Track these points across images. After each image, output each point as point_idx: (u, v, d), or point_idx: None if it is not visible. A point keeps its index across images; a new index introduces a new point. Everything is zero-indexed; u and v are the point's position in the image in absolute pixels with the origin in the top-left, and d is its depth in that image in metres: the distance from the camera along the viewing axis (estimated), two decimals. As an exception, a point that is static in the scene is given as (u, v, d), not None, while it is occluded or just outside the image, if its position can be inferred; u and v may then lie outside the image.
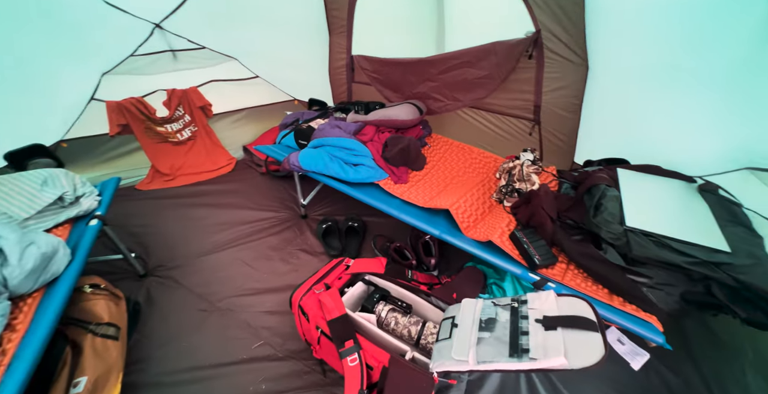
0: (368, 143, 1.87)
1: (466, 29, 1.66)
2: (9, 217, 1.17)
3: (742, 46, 0.83)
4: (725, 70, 0.90)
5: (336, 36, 2.11)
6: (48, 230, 1.25)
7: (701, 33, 0.90)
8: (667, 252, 0.90)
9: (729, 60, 0.87)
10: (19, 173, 1.30)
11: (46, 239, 1.09)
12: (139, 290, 1.54)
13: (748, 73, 0.85)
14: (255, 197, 2.13)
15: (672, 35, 0.98)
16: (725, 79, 0.91)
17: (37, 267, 1.02)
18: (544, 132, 1.64)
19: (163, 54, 1.92)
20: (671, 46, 1.00)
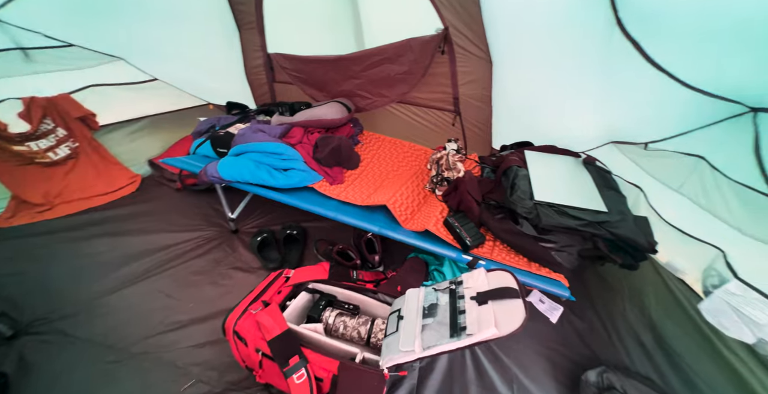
0: (297, 146, 1.76)
1: (383, 26, 1.68)
2: None
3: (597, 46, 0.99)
4: (590, 64, 1.06)
5: (247, 32, 1.95)
6: None
7: (569, 32, 1.05)
8: (565, 218, 1.05)
9: (590, 57, 1.04)
10: None
11: None
12: (5, 358, 1.19)
13: (603, 66, 1.02)
14: (172, 217, 1.84)
15: (548, 35, 1.12)
16: (591, 70, 1.08)
17: None
18: (465, 122, 1.75)
19: (6, 53, 1.51)
20: (550, 44, 1.15)
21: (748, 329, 0.85)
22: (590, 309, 1.46)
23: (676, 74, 0.84)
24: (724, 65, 0.74)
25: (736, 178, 0.86)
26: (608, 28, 0.93)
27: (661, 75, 0.86)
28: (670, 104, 0.91)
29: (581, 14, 1.00)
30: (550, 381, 1.21)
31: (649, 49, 0.87)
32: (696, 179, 0.97)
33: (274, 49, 1.98)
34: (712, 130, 0.88)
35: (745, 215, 0.87)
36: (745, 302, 0.84)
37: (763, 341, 0.85)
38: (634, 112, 1.07)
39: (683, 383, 1.12)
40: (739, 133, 0.80)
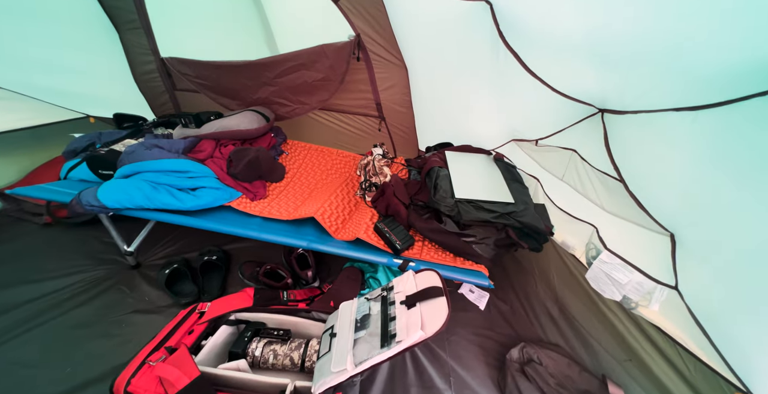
0: (208, 161, 1.56)
1: (295, 32, 1.61)
2: None
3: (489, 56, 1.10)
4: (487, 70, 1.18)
5: (129, 33, 1.66)
6: None
7: (465, 42, 1.15)
8: (482, 213, 1.13)
9: (485, 65, 1.15)
10: None
11: None
12: None
13: (496, 74, 1.14)
14: (37, 262, 1.44)
15: (447, 43, 1.21)
16: (488, 76, 1.19)
17: None
18: (391, 127, 1.78)
19: None
20: (450, 51, 1.24)
21: (616, 289, 1.02)
22: (511, 292, 1.59)
23: (548, 81, 0.97)
24: (577, 74, 0.88)
25: (597, 167, 1.03)
26: (493, 38, 1.03)
27: (537, 82, 0.99)
28: (547, 106, 1.05)
29: (471, 25, 1.09)
30: (481, 366, 1.27)
31: (527, 59, 0.99)
32: (573, 169, 1.14)
33: (168, 54, 1.74)
34: (578, 128, 1.04)
35: (605, 196, 1.05)
36: (612, 268, 1.02)
37: (627, 298, 1.03)
38: (525, 113, 1.22)
39: (582, 343, 1.29)
40: (594, 130, 0.96)
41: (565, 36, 0.83)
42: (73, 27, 1.57)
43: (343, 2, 1.36)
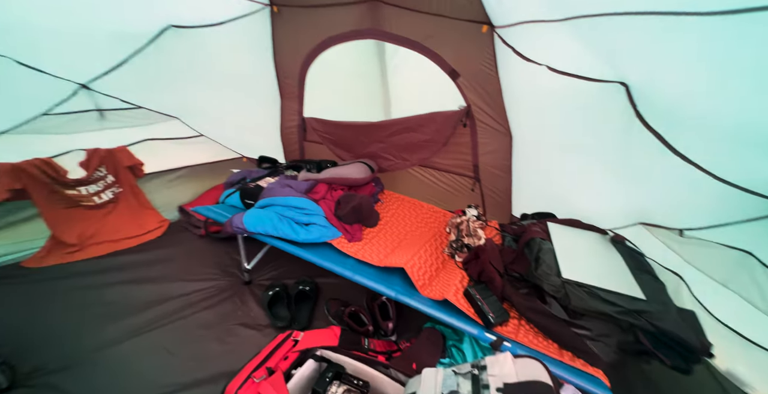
0: (321, 201, 1.84)
1: (409, 100, 1.89)
2: None
3: (616, 132, 1.08)
4: (611, 147, 1.14)
5: (288, 100, 2.22)
6: None
7: (587, 117, 1.16)
8: (598, 302, 0.98)
9: (612, 140, 1.12)
10: None
11: None
12: None
13: (624, 150, 1.09)
14: (189, 264, 1.86)
15: (567, 117, 1.24)
16: (612, 153, 1.15)
17: None
18: (484, 188, 1.82)
19: (86, 113, 1.77)
20: (569, 125, 1.26)
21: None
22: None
23: (706, 167, 0.85)
24: (753, 163, 0.75)
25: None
26: (627, 117, 1.02)
27: (689, 165, 0.88)
28: (703, 193, 0.90)
29: (599, 104, 1.10)
30: None
31: (673, 141, 0.90)
32: (746, 277, 0.92)
33: (309, 114, 2.23)
34: (757, 225, 0.86)
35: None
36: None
37: None
38: (664, 196, 1.07)
39: None
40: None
41: (717, 118, 0.76)
42: (253, 95, 2.19)
43: (462, 80, 1.56)
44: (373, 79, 1.98)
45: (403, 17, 1.56)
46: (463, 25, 1.44)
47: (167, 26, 1.68)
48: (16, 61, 1.42)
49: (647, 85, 0.91)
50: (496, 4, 1.22)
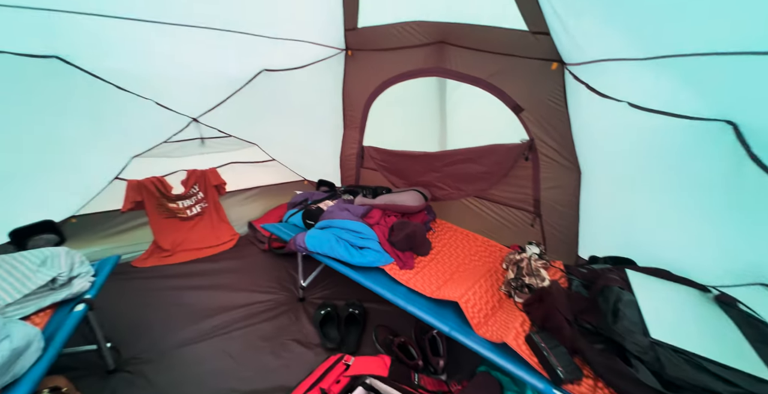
0: (375, 226, 1.92)
1: (467, 132, 1.93)
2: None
3: (719, 174, 0.97)
4: (712, 190, 1.02)
5: (350, 130, 2.42)
6: (26, 317, 1.14)
7: (680, 158, 1.06)
8: (706, 377, 0.83)
9: (712, 182, 1.00)
10: (20, 253, 1.27)
11: (23, 331, 0.97)
12: (102, 392, 1.31)
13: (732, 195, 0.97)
14: (253, 276, 2.04)
15: (652, 156, 1.14)
16: (714, 196, 1.02)
17: (2, 366, 0.88)
18: (546, 225, 1.72)
19: (192, 141, 2.15)
20: (654, 165, 1.16)
21: None
22: None
23: None
24: None
25: None
26: (736, 158, 0.91)
27: None
28: None
29: (695, 142, 1.01)
30: None
31: None
32: None
33: (368, 143, 2.39)
34: None
35: None
36: None
37: None
38: None
39: None
40: None
41: None
42: (320, 125, 2.44)
43: (525, 114, 1.56)
44: (432, 111, 2.08)
45: (467, 56, 1.65)
46: (530, 63, 1.47)
47: (261, 70, 2.01)
48: (155, 102, 1.81)
49: (765, 124, 0.83)
50: (570, 44, 1.23)
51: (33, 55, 1.40)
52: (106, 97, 1.64)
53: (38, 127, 1.55)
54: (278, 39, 1.86)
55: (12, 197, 1.55)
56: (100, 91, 1.61)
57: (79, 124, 1.66)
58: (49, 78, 1.46)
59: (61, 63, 1.47)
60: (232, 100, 2.06)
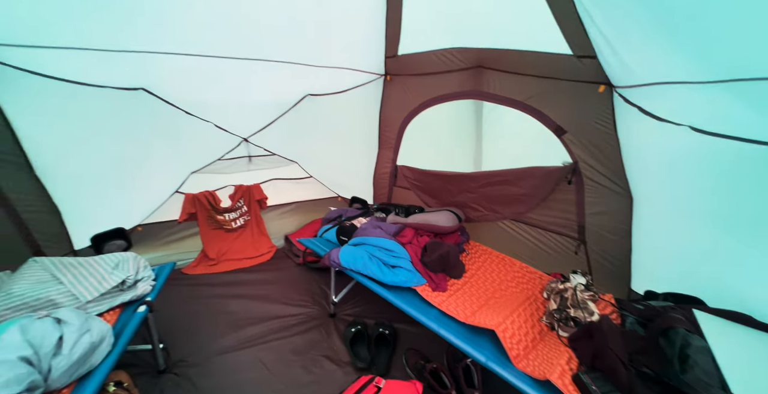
0: (407, 245, 1.92)
1: (504, 153, 1.91)
2: (75, 298, 1.24)
3: None
4: None
5: (384, 150, 2.50)
6: (100, 314, 1.27)
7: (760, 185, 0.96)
8: None
9: None
10: (99, 256, 1.45)
11: (99, 326, 1.09)
12: (153, 391, 1.40)
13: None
14: (288, 288, 2.12)
15: (721, 184, 1.04)
16: None
17: (82, 357, 0.98)
18: (592, 253, 1.62)
19: (241, 159, 2.35)
20: (723, 193, 1.05)
21: None
22: None
23: None
24: None
25: None
26: None
27: None
28: None
29: None
30: None
31: None
32: None
33: (402, 162, 2.45)
34: None
35: None
36: None
37: None
38: None
39: None
40: None
41: None
42: (357, 145, 2.55)
43: (568, 136, 1.52)
44: (467, 132, 2.09)
45: (505, 79, 1.67)
46: (573, 85, 1.45)
47: (306, 95, 2.18)
48: (214, 124, 2.03)
49: None
50: (620, 67, 1.20)
51: (125, 88, 1.66)
52: (176, 121, 1.88)
53: (122, 147, 1.80)
54: (324, 67, 2.03)
55: (96, 206, 1.79)
56: (173, 116, 1.85)
57: (154, 144, 1.91)
58: (137, 106, 1.71)
59: (146, 94, 1.73)
60: (277, 121, 2.25)
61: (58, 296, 1.19)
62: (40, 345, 0.91)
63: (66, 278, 1.27)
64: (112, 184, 1.82)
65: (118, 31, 1.45)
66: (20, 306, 1.12)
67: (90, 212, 1.76)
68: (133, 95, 1.70)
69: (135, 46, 1.53)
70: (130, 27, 1.45)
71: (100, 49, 1.47)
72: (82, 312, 1.11)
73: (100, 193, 1.78)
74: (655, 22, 0.97)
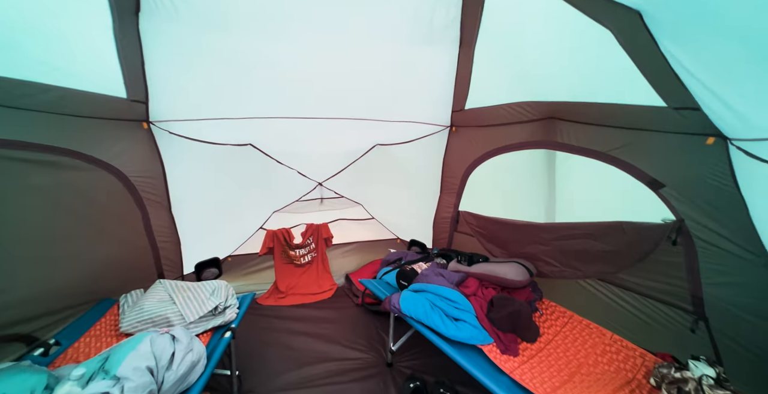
0: (471, 297, 1.81)
1: (583, 205, 1.76)
2: (182, 318, 1.45)
3: None
4: None
5: (446, 195, 2.54)
6: (197, 335, 1.45)
7: None
8: None
9: None
10: (200, 282, 1.70)
11: (198, 347, 1.23)
12: None
13: None
14: (347, 330, 2.13)
15: None
16: None
17: (184, 374, 1.11)
18: (721, 336, 1.27)
19: (314, 200, 2.63)
20: None
21: None
22: None
23: None
24: None
25: None
26: None
27: None
28: None
29: None
30: None
31: None
32: None
33: (464, 208, 2.43)
34: None
35: None
36: None
37: None
38: None
39: None
40: None
41: None
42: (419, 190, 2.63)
43: (668, 191, 1.35)
44: (538, 181, 2.02)
45: (582, 130, 1.60)
46: (671, 137, 1.31)
47: (375, 145, 2.42)
48: (298, 171, 2.37)
49: None
50: (734, 118, 1.06)
51: (239, 144, 2.09)
52: (269, 168, 2.26)
53: (226, 189, 2.21)
54: (395, 122, 2.26)
55: (201, 238, 2.17)
56: (267, 164, 2.24)
57: (251, 187, 2.30)
58: (244, 158, 2.13)
59: (252, 148, 2.14)
60: (349, 169, 2.51)
61: (172, 314, 1.42)
62: (160, 358, 1.07)
63: (178, 300, 1.51)
64: (216, 221, 2.20)
65: (240, 106, 1.89)
66: (147, 320, 1.36)
67: (197, 243, 2.13)
68: (243, 149, 2.12)
69: (250, 114, 1.96)
70: (248, 102, 1.89)
71: (226, 118, 1.92)
72: (189, 332, 1.28)
73: (206, 227, 2.16)
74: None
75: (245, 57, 1.68)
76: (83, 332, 1.39)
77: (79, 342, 1.34)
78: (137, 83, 1.56)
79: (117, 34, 1.37)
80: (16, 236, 1.26)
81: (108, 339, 1.36)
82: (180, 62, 1.61)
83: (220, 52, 1.63)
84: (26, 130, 1.27)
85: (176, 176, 1.91)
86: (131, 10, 1.39)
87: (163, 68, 1.59)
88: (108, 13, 1.32)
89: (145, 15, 1.43)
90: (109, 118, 1.54)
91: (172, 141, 1.83)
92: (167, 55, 1.56)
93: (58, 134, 1.36)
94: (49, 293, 1.38)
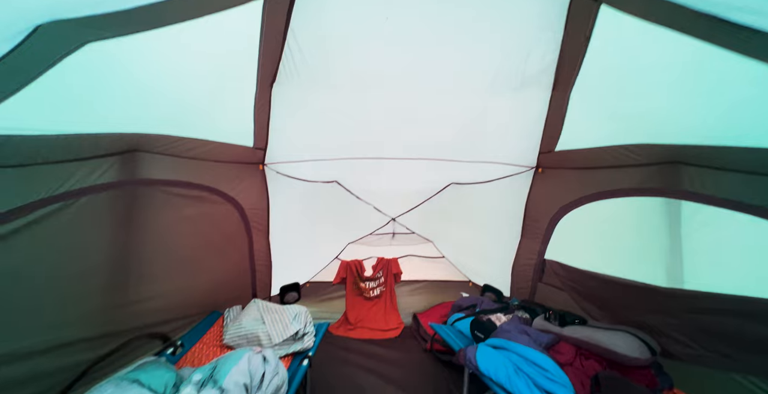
0: (566, 367, 1.53)
1: (730, 270, 1.39)
2: (269, 339, 1.57)
3: None
4: None
5: (529, 240, 2.31)
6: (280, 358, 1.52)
7: None
8: None
9: None
10: (284, 306, 1.84)
11: (283, 372, 1.29)
12: None
13: None
14: (415, 377, 1.99)
15: None
16: None
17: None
18: None
19: (387, 235, 2.70)
20: None
21: None
22: None
23: None
24: None
25: None
26: None
27: None
28: None
29: None
30: None
31: None
32: None
33: (551, 256, 2.16)
34: None
35: None
36: None
37: None
38: None
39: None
40: None
41: None
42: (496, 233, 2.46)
43: None
44: (656, 232, 1.69)
45: (726, 178, 1.31)
46: None
47: (450, 183, 2.42)
48: (374, 207, 2.51)
49: None
50: None
51: (327, 181, 2.35)
52: (349, 203, 2.45)
53: (310, 220, 2.45)
54: (474, 162, 2.26)
55: (288, 264, 2.39)
56: (348, 199, 2.44)
57: (332, 219, 2.51)
58: (329, 193, 2.37)
59: (337, 185, 2.38)
60: (422, 206, 2.54)
61: (262, 334, 1.55)
62: (254, 377, 1.16)
63: (267, 320, 1.66)
64: (300, 248, 2.44)
65: (331, 149, 2.16)
66: (243, 336, 1.53)
67: (283, 267, 2.36)
68: (329, 186, 2.37)
69: (339, 155, 2.22)
70: (339, 145, 2.15)
71: (319, 160, 2.21)
72: (276, 355, 1.37)
73: (292, 254, 2.40)
74: None
75: (342, 108, 1.96)
76: (198, 339, 1.62)
77: (194, 347, 1.56)
78: (262, 134, 1.94)
79: (256, 100, 1.76)
80: (173, 255, 1.59)
81: (214, 349, 1.55)
82: (290, 114, 1.95)
83: (321, 104, 1.93)
84: (184, 172, 1.61)
85: (274, 208, 2.22)
86: (270, 82, 1.78)
87: (279, 121, 1.95)
88: (254, 86, 1.71)
89: (278, 84, 1.82)
90: (238, 162, 1.93)
91: (277, 178, 2.17)
92: (282, 109, 1.91)
93: (203, 175, 1.72)
94: (182, 301, 1.67)
